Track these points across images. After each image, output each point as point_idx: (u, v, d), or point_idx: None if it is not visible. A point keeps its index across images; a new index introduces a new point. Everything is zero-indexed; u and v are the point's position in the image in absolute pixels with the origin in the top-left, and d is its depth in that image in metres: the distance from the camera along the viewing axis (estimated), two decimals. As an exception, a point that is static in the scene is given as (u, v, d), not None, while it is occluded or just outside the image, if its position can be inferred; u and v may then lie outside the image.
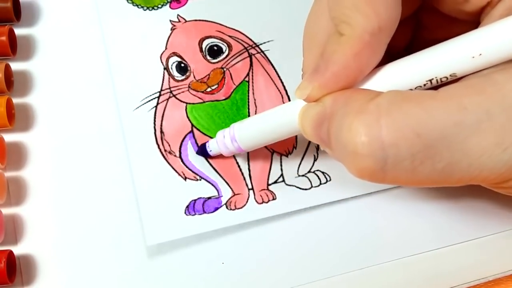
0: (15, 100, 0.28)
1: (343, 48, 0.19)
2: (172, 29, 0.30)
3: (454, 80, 0.19)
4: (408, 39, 0.26)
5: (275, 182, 0.28)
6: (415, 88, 0.19)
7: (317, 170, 0.28)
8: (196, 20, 0.31)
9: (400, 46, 0.26)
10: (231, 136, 0.26)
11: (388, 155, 0.18)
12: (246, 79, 0.30)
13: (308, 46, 0.24)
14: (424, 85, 0.19)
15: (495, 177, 0.19)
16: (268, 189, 0.28)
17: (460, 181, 0.19)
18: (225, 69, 0.30)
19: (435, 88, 0.19)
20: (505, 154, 0.18)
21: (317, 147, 0.29)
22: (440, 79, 0.19)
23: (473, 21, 0.23)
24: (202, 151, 0.27)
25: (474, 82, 0.18)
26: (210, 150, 0.27)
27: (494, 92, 0.18)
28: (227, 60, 0.30)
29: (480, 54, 0.18)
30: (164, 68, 0.30)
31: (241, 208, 0.27)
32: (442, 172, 0.18)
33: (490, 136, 0.17)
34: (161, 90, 0.29)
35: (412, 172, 0.18)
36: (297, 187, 0.28)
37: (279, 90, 0.30)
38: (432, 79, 0.19)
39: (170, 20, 0.31)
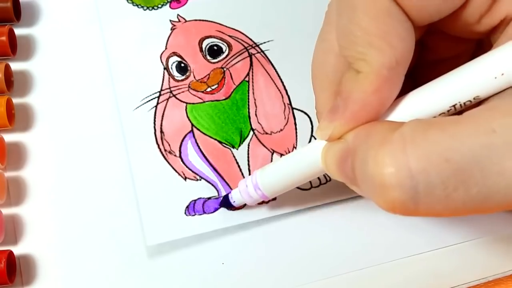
0: (15, 100, 0.29)
1: (361, 85, 0.19)
2: (172, 29, 0.30)
3: (477, 103, 0.19)
4: (413, 63, 0.26)
5: (275, 182, 0.28)
6: (439, 115, 0.19)
7: (317, 171, 0.28)
8: (196, 20, 0.31)
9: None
10: (254, 184, 0.25)
11: (418, 184, 0.17)
12: (246, 79, 0.30)
13: (319, 86, 0.23)
14: (448, 111, 0.19)
15: None
16: (268, 189, 0.28)
17: (497, 207, 0.18)
18: (225, 69, 0.30)
19: (459, 113, 0.18)
20: None
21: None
22: (464, 103, 0.19)
23: (479, 39, 0.22)
24: (225, 203, 0.27)
25: (497, 104, 0.18)
26: (234, 201, 0.26)
27: None
28: (227, 60, 0.30)
29: (503, 74, 0.18)
30: (164, 68, 0.30)
31: (241, 208, 0.27)
32: (477, 197, 0.17)
33: None
34: (161, 90, 0.29)
35: (446, 200, 0.17)
36: (297, 188, 0.28)
37: (279, 90, 0.29)
38: (456, 104, 0.19)
39: (170, 20, 0.31)
